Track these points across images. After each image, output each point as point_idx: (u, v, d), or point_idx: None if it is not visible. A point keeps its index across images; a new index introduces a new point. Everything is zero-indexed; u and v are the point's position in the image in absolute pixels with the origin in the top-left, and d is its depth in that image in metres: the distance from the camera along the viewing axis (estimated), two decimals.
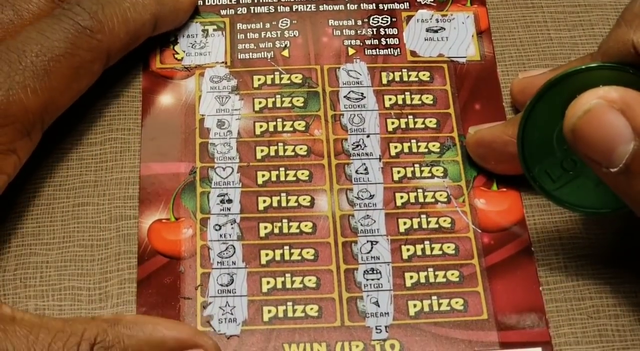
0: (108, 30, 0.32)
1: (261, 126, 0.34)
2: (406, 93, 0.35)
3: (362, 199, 0.33)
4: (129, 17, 0.33)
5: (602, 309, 0.31)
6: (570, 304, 0.31)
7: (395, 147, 0.34)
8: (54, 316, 0.30)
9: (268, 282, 0.31)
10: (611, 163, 0.27)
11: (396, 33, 0.37)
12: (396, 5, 0.37)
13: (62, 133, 0.34)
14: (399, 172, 0.33)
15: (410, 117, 0.35)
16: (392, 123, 0.34)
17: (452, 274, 0.31)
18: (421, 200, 0.33)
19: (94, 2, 0.32)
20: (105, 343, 0.27)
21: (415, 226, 0.32)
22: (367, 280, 0.31)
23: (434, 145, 0.34)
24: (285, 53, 0.36)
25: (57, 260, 0.32)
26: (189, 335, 0.28)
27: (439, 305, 0.31)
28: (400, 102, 0.35)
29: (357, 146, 0.34)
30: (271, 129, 0.34)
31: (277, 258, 0.32)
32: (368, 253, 0.32)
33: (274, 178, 0.33)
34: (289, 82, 0.35)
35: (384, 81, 0.35)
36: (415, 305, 0.31)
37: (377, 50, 0.36)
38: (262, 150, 0.34)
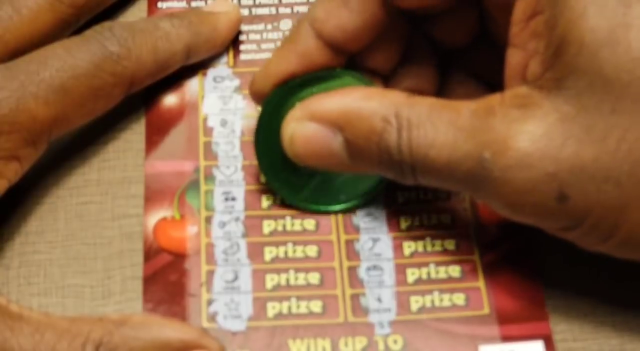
0: (135, 58, 0.32)
1: None
2: None
3: None
4: (159, 47, 0.33)
5: (598, 305, 0.31)
6: (567, 301, 0.31)
7: None
8: (57, 313, 0.30)
9: (272, 279, 0.31)
10: (337, 158, 0.30)
11: None
12: None
13: (65, 133, 0.34)
14: None
15: None
16: None
17: (454, 270, 0.32)
18: (422, 197, 0.33)
19: (126, 29, 0.33)
20: (111, 345, 0.27)
21: (417, 223, 0.33)
22: (370, 276, 0.31)
23: None
24: None
25: (60, 258, 0.32)
26: (194, 336, 0.28)
27: (441, 300, 0.31)
28: None
29: None
30: None
31: (281, 255, 0.32)
32: (370, 250, 0.32)
33: None
34: None
35: None
36: (417, 301, 0.31)
37: None
38: None
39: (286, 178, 0.33)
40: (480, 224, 0.33)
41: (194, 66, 0.36)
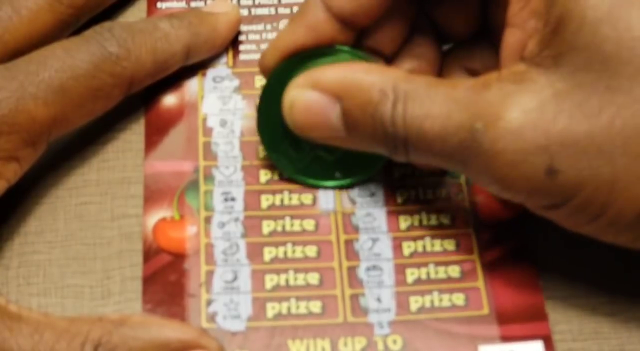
0: (134, 59, 0.32)
1: None
2: None
3: (364, 197, 0.33)
4: (159, 48, 0.33)
5: (598, 306, 0.31)
6: (566, 301, 0.31)
7: None
8: (56, 313, 0.30)
9: (271, 279, 0.31)
10: (334, 129, 0.30)
11: None
12: None
13: (64, 134, 0.34)
14: (399, 170, 0.34)
15: None
16: None
17: (453, 270, 0.32)
18: (421, 197, 0.33)
19: (126, 29, 0.33)
20: (110, 345, 0.27)
21: (416, 223, 0.33)
22: (369, 276, 0.31)
23: None
24: None
25: (59, 258, 0.32)
26: (194, 336, 0.28)
27: (440, 300, 0.31)
28: None
29: None
30: None
31: (280, 255, 0.32)
32: (369, 250, 0.32)
33: (276, 177, 0.34)
34: None
35: None
36: (416, 301, 0.31)
37: None
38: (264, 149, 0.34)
39: (285, 150, 0.33)
40: (479, 224, 0.33)
41: (194, 66, 0.36)
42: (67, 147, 0.34)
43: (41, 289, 0.31)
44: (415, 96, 0.29)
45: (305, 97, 0.31)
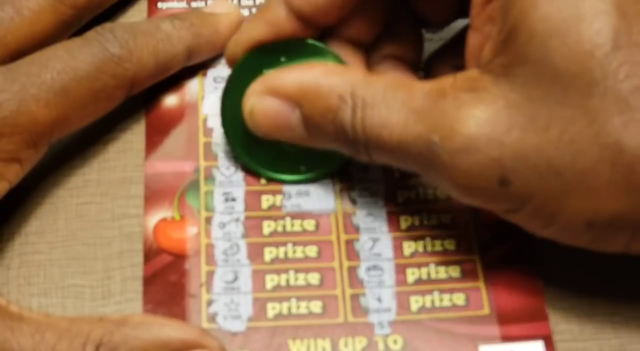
0: (136, 60, 0.32)
1: None
2: None
3: (364, 197, 0.33)
4: (160, 49, 0.33)
5: (598, 306, 0.31)
6: (567, 301, 0.31)
7: None
8: (57, 314, 0.30)
9: (272, 279, 0.31)
10: (296, 132, 0.31)
11: None
12: None
13: (66, 135, 0.34)
14: (399, 170, 0.34)
15: None
16: None
17: (454, 270, 0.32)
18: (422, 197, 0.33)
19: (128, 30, 0.33)
20: (111, 345, 0.27)
21: (417, 223, 0.33)
22: (370, 276, 0.32)
23: None
24: None
25: (60, 259, 0.32)
26: (195, 335, 0.28)
27: (441, 300, 0.31)
28: None
29: None
30: None
31: (281, 255, 0.32)
32: (370, 250, 0.32)
33: None
34: None
35: None
36: (417, 301, 0.31)
37: None
38: None
39: (249, 145, 0.33)
40: (480, 224, 0.33)
41: (194, 66, 0.36)
42: (68, 147, 0.34)
43: (42, 289, 0.31)
44: (373, 103, 0.29)
45: (264, 104, 0.31)
